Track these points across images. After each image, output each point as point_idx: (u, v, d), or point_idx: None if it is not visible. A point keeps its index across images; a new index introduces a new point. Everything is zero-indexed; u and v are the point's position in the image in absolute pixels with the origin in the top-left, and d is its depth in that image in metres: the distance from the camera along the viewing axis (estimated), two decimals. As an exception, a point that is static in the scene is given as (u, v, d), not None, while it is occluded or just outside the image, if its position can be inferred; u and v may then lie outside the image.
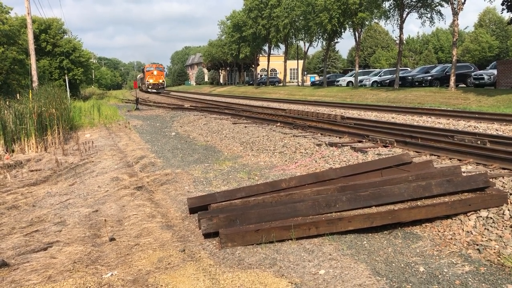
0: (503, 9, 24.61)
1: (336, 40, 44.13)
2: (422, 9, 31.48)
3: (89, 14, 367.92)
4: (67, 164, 9.63)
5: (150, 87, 57.58)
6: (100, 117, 19.94)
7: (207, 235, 4.76)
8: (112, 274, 3.95)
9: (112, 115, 20.76)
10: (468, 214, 4.83)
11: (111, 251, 4.55)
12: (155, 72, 58.01)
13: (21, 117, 12.05)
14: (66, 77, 31.35)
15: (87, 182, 7.90)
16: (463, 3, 26.40)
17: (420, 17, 32.03)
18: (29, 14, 23.81)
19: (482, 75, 27.41)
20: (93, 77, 65.19)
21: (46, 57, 39.16)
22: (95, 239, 4.90)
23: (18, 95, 17.50)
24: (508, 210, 4.69)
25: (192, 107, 24.53)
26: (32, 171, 9.02)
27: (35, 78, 23.65)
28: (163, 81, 59.74)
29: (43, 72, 35.67)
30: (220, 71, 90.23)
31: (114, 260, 4.29)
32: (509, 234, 4.34)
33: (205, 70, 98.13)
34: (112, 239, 4.85)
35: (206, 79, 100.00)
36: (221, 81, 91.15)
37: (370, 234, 4.78)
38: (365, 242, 4.60)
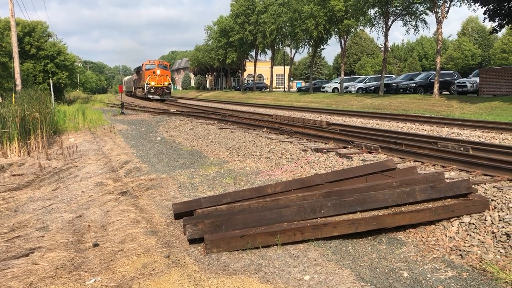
0: (485, 18, 25.12)
1: (322, 47, 44.57)
2: (406, 17, 31.95)
3: (74, 18, 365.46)
4: (50, 168, 9.50)
5: (151, 91, 41.09)
6: (85, 121, 19.72)
7: (192, 241, 4.73)
8: (95, 280, 3.90)
9: (97, 120, 20.56)
10: (451, 220, 4.89)
11: (94, 257, 4.49)
12: (158, 72, 41.47)
13: (4, 120, 11.86)
14: (51, 81, 31.06)
15: (70, 187, 7.80)
16: (447, 12, 26.95)
17: (404, 25, 32.51)
18: (13, 16, 23.53)
19: (465, 82, 27.91)
20: (78, 81, 64.52)
21: (30, 60, 38.74)
22: (79, 245, 4.84)
23: (0, 98, 17.25)
24: (490, 216, 4.77)
25: (178, 112, 24.43)
26: (14, 175, 8.87)
27: (18, 81, 23.36)
28: (170, 83, 42.99)
29: (27, 75, 35.26)
30: (206, 76, 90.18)
31: (98, 266, 4.24)
32: (491, 239, 4.41)
33: (192, 75, 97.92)
34: (95, 245, 4.79)
35: (192, 84, 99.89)
36: (207, 86, 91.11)
37: (355, 240, 4.81)
38: (350, 247, 4.62)
